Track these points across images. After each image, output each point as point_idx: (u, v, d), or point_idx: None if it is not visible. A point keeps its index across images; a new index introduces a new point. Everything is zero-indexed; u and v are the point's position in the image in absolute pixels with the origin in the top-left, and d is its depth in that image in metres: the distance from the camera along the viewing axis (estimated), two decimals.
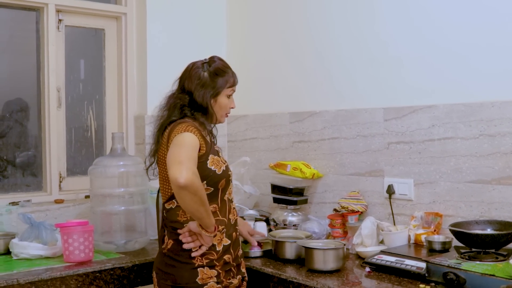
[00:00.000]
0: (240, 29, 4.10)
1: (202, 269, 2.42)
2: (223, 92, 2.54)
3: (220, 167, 2.46)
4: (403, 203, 3.04)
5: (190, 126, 2.37)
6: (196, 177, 2.24)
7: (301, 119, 3.58)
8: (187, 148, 2.30)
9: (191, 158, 2.28)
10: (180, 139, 2.34)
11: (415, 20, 3.00)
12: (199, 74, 2.53)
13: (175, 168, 2.21)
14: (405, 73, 3.04)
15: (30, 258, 2.98)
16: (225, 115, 2.62)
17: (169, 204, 2.47)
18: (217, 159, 2.47)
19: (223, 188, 2.50)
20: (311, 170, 3.39)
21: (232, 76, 2.59)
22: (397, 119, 3.06)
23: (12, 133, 3.63)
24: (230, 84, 2.57)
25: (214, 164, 2.43)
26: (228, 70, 2.59)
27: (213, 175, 2.43)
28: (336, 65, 3.39)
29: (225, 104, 2.57)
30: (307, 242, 2.79)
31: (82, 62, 3.96)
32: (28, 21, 3.68)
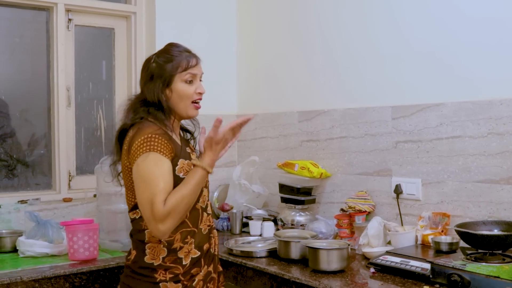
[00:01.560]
0: (249, 27, 4.08)
1: (165, 284, 2.15)
2: (176, 78, 2.20)
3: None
4: (410, 203, 3.00)
5: (153, 137, 2.07)
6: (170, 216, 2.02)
7: (310, 118, 3.54)
8: (156, 180, 2.03)
9: (162, 191, 2.03)
10: (143, 167, 2.06)
11: (424, 18, 2.95)
12: (148, 67, 2.25)
13: (149, 221, 2.02)
14: (413, 71, 2.99)
15: (36, 256, 2.99)
16: (192, 105, 2.26)
17: (133, 213, 2.22)
18: (188, 164, 2.17)
19: None
20: (319, 169, 3.36)
21: (186, 58, 2.23)
22: (405, 117, 3.01)
23: (22, 132, 3.64)
24: (184, 67, 2.22)
25: (183, 170, 2.15)
26: (179, 53, 2.24)
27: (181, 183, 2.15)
28: (345, 64, 3.35)
29: (183, 91, 2.21)
30: (311, 242, 2.75)
31: (104, 63, 3.97)
32: (38, 21, 3.70)
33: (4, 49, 3.61)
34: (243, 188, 3.67)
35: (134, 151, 2.09)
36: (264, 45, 3.95)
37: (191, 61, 2.25)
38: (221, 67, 4.10)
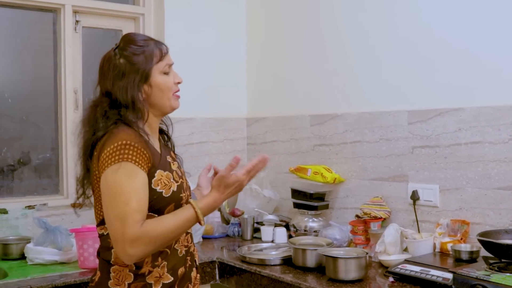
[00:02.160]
0: (260, 28, 4.02)
1: None
2: (154, 70, 1.95)
3: (169, 187, 1.91)
4: (428, 209, 2.94)
5: (126, 144, 1.81)
6: (143, 241, 1.75)
7: (322, 121, 3.48)
8: (127, 196, 1.76)
9: (136, 211, 1.76)
10: (113, 180, 1.78)
11: (441, 21, 2.88)
12: (113, 64, 1.93)
13: (117, 240, 1.76)
14: (430, 75, 2.93)
15: (45, 264, 2.93)
16: (174, 97, 2.02)
17: (101, 229, 1.96)
18: (167, 176, 1.91)
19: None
20: (332, 174, 3.30)
21: (157, 46, 1.98)
22: (422, 122, 2.95)
23: (28, 136, 3.59)
24: (159, 57, 1.97)
25: (161, 183, 1.88)
26: (147, 42, 1.98)
27: (158, 199, 1.88)
28: (359, 66, 3.29)
29: (164, 82, 1.97)
30: (328, 250, 2.69)
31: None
32: (45, 22, 3.64)
33: (11, 50, 3.56)
34: (254, 193, 3.61)
35: (104, 160, 1.81)
36: (274, 46, 3.89)
37: (163, 49, 1.99)
38: (230, 69, 4.05)
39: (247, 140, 4.06)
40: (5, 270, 2.86)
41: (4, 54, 3.53)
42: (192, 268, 2.08)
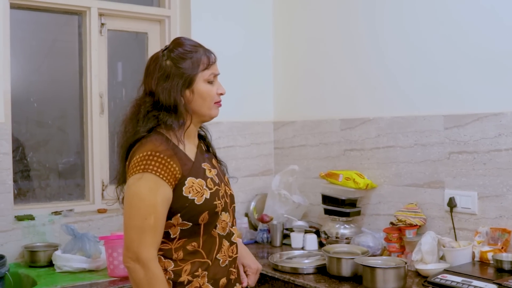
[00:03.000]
0: (287, 29, 3.95)
1: None
2: (199, 77, 1.92)
3: (201, 194, 1.88)
4: (465, 217, 2.85)
5: (151, 155, 1.81)
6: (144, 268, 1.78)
7: (353, 126, 3.41)
8: (145, 211, 1.78)
9: (151, 231, 1.79)
10: (134, 190, 1.81)
11: (478, 22, 2.80)
12: (160, 64, 1.92)
13: (128, 248, 1.80)
14: (468, 78, 2.84)
15: (74, 271, 2.89)
16: (215, 106, 1.98)
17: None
18: (199, 183, 1.89)
19: (207, 223, 1.90)
20: (364, 180, 3.22)
21: (206, 54, 1.95)
22: (459, 127, 2.86)
23: (54, 140, 3.55)
24: (205, 64, 1.94)
25: (192, 190, 1.86)
26: (197, 48, 1.95)
27: (190, 206, 1.86)
28: (391, 69, 3.20)
29: (207, 91, 1.94)
30: (365, 260, 2.62)
31: (126, 65, 3.86)
32: (71, 25, 3.60)
33: (37, 54, 3.52)
34: (283, 199, 3.54)
35: (130, 168, 1.84)
36: (302, 48, 3.81)
37: (211, 57, 1.97)
38: (257, 72, 3.98)
39: (274, 144, 3.99)
40: (34, 278, 2.83)
41: (30, 58, 3.49)
42: (236, 283, 2.05)
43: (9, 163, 3.16)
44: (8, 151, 3.14)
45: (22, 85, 3.41)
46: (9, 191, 3.14)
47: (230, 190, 2.08)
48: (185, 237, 1.89)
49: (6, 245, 3.09)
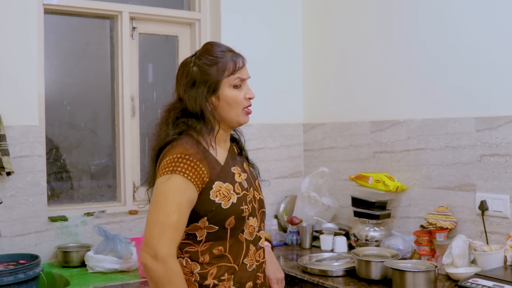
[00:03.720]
0: (316, 31, 3.94)
1: None
2: (224, 82, 1.90)
3: (228, 198, 1.87)
4: (497, 220, 2.81)
5: (181, 157, 1.83)
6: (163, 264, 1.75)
7: (384, 128, 3.39)
8: (169, 208, 1.78)
9: (173, 228, 1.78)
10: (162, 189, 1.82)
11: (510, 24, 2.76)
12: (187, 71, 1.93)
13: (147, 244, 1.77)
14: (500, 80, 2.80)
15: (105, 272, 2.94)
16: (244, 112, 1.96)
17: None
18: (226, 188, 1.89)
19: (233, 227, 1.90)
20: (394, 182, 3.21)
21: (232, 59, 1.92)
22: (491, 129, 2.83)
23: (86, 143, 3.60)
24: (231, 70, 1.91)
25: (219, 194, 1.86)
26: (223, 54, 1.93)
27: (217, 210, 1.86)
28: (422, 70, 3.17)
29: (233, 97, 1.92)
30: (395, 263, 2.61)
31: (158, 68, 3.90)
32: (103, 29, 3.66)
33: (70, 58, 3.58)
34: (313, 201, 3.54)
35: (160, 169, 1.86)
36: (332, 50, 3.80)
37: (238, 62, 1.93)
38: (286, 74, 3.98)
39: (303, 146, 3.99)
40: (67, 278, 2.88)
41: (63, 61, 3.56)
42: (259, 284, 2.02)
43: (43, 165, 3.22)
44: (42, 153, 3.20)
45: (55, 88, 3.47)
46: (43, 192, 3.20)
47: (260, 195, 2.06)
48: (211, 240, 1.88)
49: (40, 246, 3.16)
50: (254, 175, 2.10)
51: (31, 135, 3.14)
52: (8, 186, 3.07)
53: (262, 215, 2.05)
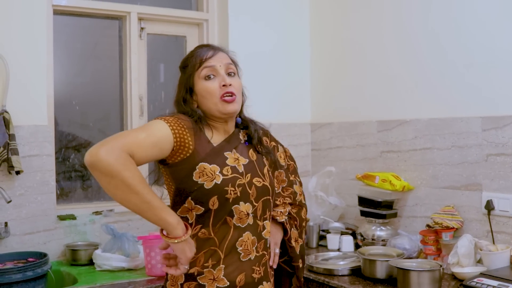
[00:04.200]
0: (324, 31, 3.95)
1: None
2: (195, 78, 1.94)
3: (212, 179, 1.84)
4: (504, 220, 2.81)
5: (173, 116, 1.87)
6: (112, 150, 1.66)
7: (390, 128, 3.39)
8: (139, 129, 1.81)
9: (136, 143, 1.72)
10: (144, 124, 1.89)
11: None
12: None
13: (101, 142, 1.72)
14: (507, 79, 2.80)
15: (113, 270, 2.96)
16: (221, 101, 1.92)
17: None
18: (211, 169, 1.85)
19: (218, 209, 1.87)
20: (401, 182, 3.21)
21: (201, 52, 1.95)
22: (497, 129, 2.82)
23: (95, 142, 3.62)
24: (198, 63, 1.93)
25: (202, 175, 1.83)
26: (197, 50, 1.99)
27: (199, 190, 1.84)
28: (428, 70, 3.17)
29: (205, 89, 1.92)
30: (400, 262, 2.61)
31: (163, 68, 3.92)
32: (111, 30, 3.68)
33: (79, 58, 3.61)
34: (320, 200, 3.55)
35: None
36: (340, 50, 3.81)
37: (206, 54, 1.94)
38: (294, 74, 4.00)
39: (311, 145, 4.00)
40: (75, 276, 2.91)
41: (72, 62, 3.59)
42: (262, 282, 1.98)
43: (52, 164, 3.25)
44: (51, 152, 3.23)
45: (64, 88, 3.50)
46: (52, 191, 3.23)
47: (264, 182, 2.00)
48: (200, 223, 1.87)
49: (48, 244, 3.20)
50: (262, 163, 2.06)
51: (40, 134, 3.17)
52: (17, 185, 3.11)
53: (265, 203, 2.00)
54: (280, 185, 2.21)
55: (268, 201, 2.01)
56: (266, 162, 2.09)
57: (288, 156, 2.33)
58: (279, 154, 2.24)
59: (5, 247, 3.05)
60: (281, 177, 2.23)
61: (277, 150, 2.24)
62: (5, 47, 3.06)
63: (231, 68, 1.99)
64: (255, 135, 2.07)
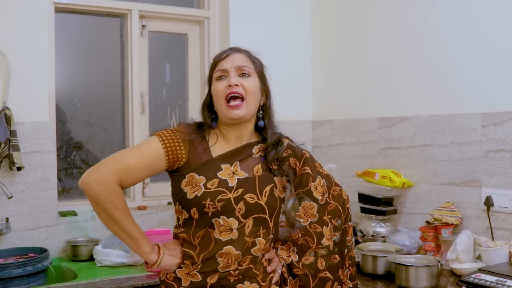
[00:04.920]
0: (325, 29, 3.96)
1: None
2: (213, 79, 1.97)
3: (194, 190, 1.86)
4: (503, 216, 2.80)
5: (168, 130, 1.92)
6: (101, 181, 1.79)
7: (390, 124, 3.39)
8: (131, 151, 1.91)
9: (125, 167, 1.82)
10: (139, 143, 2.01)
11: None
12: None
13: (93, 168, 1.85)
14: (506, 75, 2.79)
15: (113, 266, 2.98)
16: (226, 105, 1.91)
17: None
18: (198, 180, 1.87)
19: (198, 219, 1.88)
20: (401, 178, 3.21)
21: (216, 57, 2.00)
22: (496, 125, 2.82)
23: (97, 139, 3.65)
24: (213, 66, 1.99)
25: (188, 185, 1.87)
26: (214, 57, 2.02)
27: (183, 198, 1.89)
28: (428, 67, 3.18)
29: (215, 90, 1.94)
30: (398, 258, 2.62)
31: (168, 67, 3.94)
32: (112, 27, 3.70)
33: (80, 56, 3.63)
34: None
35: None
36: (340, 48, 3.82)
37: (221, 55, 1.97)
38: (295, 72, 4.00)
39: (312, 143, 4.00)
40: (75, 271, 2.93)
41: (74, 60, 3.61)
42: (243, 281, 1.92)
43: (54, 161, 3.27)
44: (52, 149, 3.25)
45: (66, 86, 3.52)
46: (53, 187, 3.25)
47: (258, 200, 1.91)
48: (186, 226, 1.92)
49: (50, 240, 3.22)
50: (268, 181, 1.96)
51: (41, 131, 3.19)
52: (18, 181, 3.13)
53: (257, 221, 1.92)
54: (308, 218, 2.07)
55: (262, 219, 1.92)
56: (278, 182, 1.99)
57: (333, 195, 2.12)
58: (314, 185, 2.06)
59: (6, 242, 3.07)
60: (312, 211, 2.07)
61: (312, 180, 2.07)
62: (6, 44, 3.08)
63: (245, 69, 1.96)
64: (272, 153, 1.99)
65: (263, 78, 2.05)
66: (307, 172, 2.07)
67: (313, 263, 2.04)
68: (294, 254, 2.06)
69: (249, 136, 2.02)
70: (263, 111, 2.04)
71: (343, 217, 2.12)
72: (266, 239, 1.95)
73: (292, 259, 2.05)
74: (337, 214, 2.10)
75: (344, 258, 2.11)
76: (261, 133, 2.05)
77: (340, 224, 2.11)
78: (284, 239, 2.09)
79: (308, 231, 2.05)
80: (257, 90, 1.99)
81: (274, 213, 1.97)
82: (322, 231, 2.05)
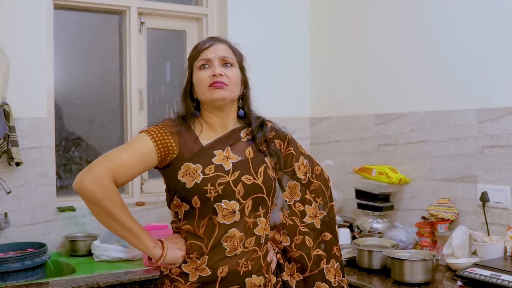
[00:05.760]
0: (322, 26, 3.98)
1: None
2: (194, 68, 1.99)
3: (193, 179, 1.88)
4: (498, 211, 2.82)
5: (156, 126, 1.94)
6: (95, 179, 1.79)
7: (387, 121, 3.41)
8: (123, 150, 1.88)
9: (119, 166, 1.83)
10: (128, 141, 2.02)
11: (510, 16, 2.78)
12: None
13: (87, 168, 1.85)
14: (502, 71, 2.81)
15: (111, 261, 3.00)
16: (210, 89, 1.94)
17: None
18: (194, 169, 1.89)
19: (200, 207, 1.90)
20: (397, 175, 3.22)
21: (198, 46, 2.02)
22: (492, 121, 2.84)
23: (95, 136, 3.67)
24: (196, 54, 2.00)
25: (186, 175, 1.89)
26: (200, 43, 2.05)
27: (181, 189, 1.90)
28: (424, 63, 3.19)
29: (197, 78, 1.96)
30: (394, 252, 2.63)
31: (168, 65, 3.96)
32: (111, 25, 3.72)
33: (79, 53, 3.65)
34: None
35: None
36: (338, 45, 3.84)
37: (203, 45, 2.00)
38: (293, 69, 4.02)
39: (310, 140, 4.02)
40: (73, 266, 2.94)
41: (72, 57, 3.62)
42: (249, 276, 1.95)
43: (52, 157, 3.29)
44: (51, 145, 3.27)
45: (65, 82, 3.54)
46: (52, 183, 3.27)
47: (255, 180, 1.96)
48: (187, 219, 1.92)
49: (48, 235, 3.24)
50: (261, 161, 2.01)
51: (40, 127, 3.21)
52: (17, 177, 3.14)
53: (256, 201, 1.96)
54: (293, 198, 2.12)
55: (260, 198, 1.97)
56: (268, 162, 2.04)
57: (316, 175, 2.19)
58: (297, 165, 2.13)
59: (5, 237, 3.09)
60: (296, 190, 2.12)
61: (295, 160, 2.13)
62: (5, 40, 3.10)
63: (228, 59, 2.00)
64: (259, 135, 2.05)
65: (243, 69, 2.09)
66: (291, 152, 2.15)
67: (302, 242, 2.10)
68: (285, 236, 2.10)
69: (234, 123, 2.06)
70: (243, 100, 2.08)
71: (327, 195, 2.22)
72: (266, 218, 2.01)
73: (284, 244, 2.10)
74: (320, 192, 2.18)
75: (335, 235, 2.17)
76: (244, 121, 2.09)
77: (326, 202, 2.19)
78: (274, 223, 2.12)
79: (293, 210, 2.12)
80: (238, 80, 2.03)
81: (271, 192, 2.02)
82: (304, 209, 2.12)
